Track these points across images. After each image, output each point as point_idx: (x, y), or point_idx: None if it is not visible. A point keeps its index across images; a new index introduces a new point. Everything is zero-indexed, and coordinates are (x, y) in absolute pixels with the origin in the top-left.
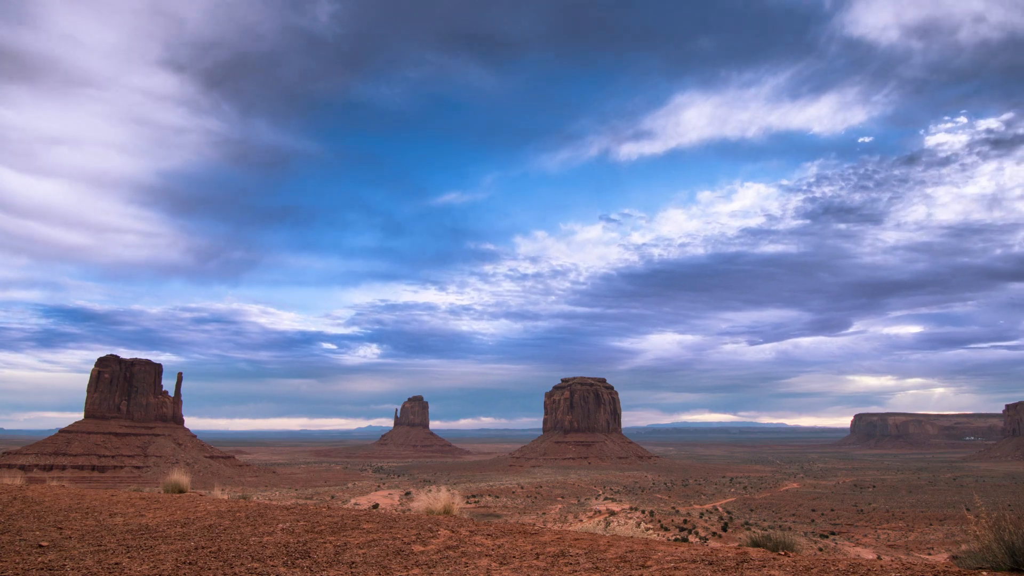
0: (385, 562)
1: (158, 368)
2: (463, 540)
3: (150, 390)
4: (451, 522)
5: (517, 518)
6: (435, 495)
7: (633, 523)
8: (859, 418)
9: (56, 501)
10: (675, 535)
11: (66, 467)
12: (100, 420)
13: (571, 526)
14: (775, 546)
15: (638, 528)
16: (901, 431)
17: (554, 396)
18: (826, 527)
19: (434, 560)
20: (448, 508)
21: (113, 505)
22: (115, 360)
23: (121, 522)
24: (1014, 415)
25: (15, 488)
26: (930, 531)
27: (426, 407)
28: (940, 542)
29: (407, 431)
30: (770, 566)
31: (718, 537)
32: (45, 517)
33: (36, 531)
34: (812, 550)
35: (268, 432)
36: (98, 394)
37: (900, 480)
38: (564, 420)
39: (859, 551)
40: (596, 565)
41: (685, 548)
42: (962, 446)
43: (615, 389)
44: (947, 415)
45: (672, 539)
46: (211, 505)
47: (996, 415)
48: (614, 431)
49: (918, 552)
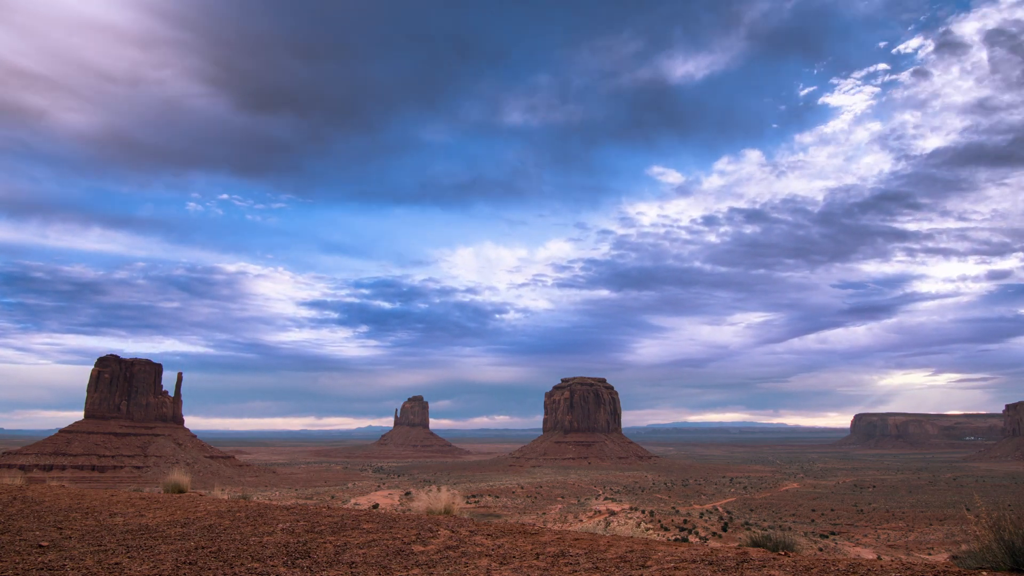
0: (385, 562)
1: (158, 368)
2: (463, 540)
3: (150, 390)
4: (451, 522)
5: (517, 518)
6: (435, 495)
7: (633, 523)
8: (859, 418)
9: (56, 501)
10: (675, 535)
11: (66, 467)
12: (100, 420)
13: (571, 526)
14: (775, 546)
15: (638, 528)
16: (901, 431)
17: (554, 396)
18: (826, 527)
19: (434, 560)
20: (448, 508)
21: (113, 505)
22: (115, 360)
23: (121, 522)
24: (1014, 415)
25: (15, 488)
26: (930, 531)
27: (426, 407)
28: (940, 542)
29: (407, 431)
30: (770, 566)
31: (718, 537)
32: (45, 517)
33: (36, 531)
34: (812, 550)
35: (268, 432)
36: (98, 394)
37: (900, 480)
38: (564, 420)
39: (859, 551)
40: (596, 565)
41: (685, 548)
42: (962, 446)
43: (615, 389)
44: (947, 415)
45: (672, 539)
46: (211, 505)
47: (996, 415)
48: (614, 431)
49: (918, 552)
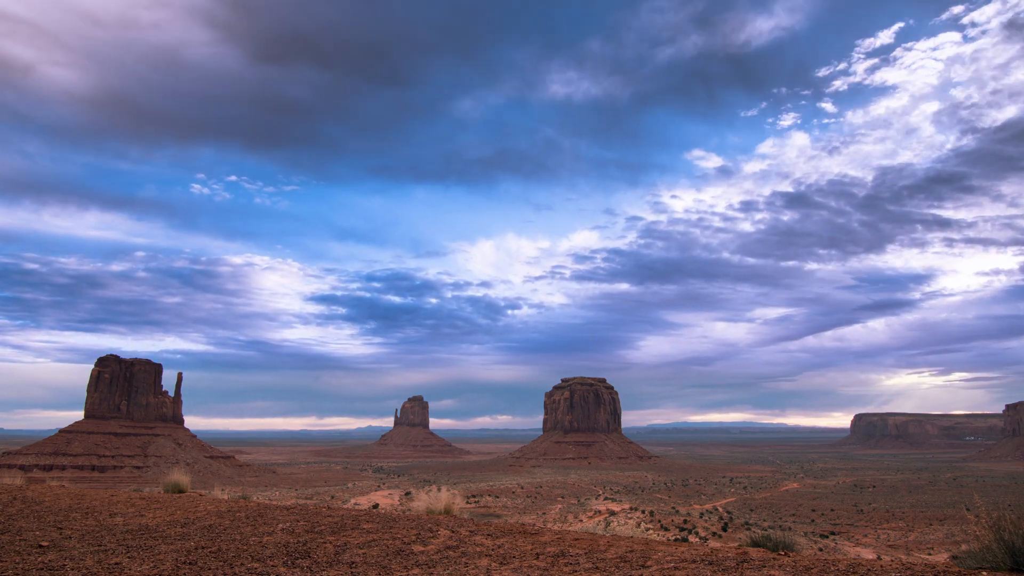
0: (385, 562)
1: (158, 368)
2: (463, 540)
3: (150, 390)
4: (451, 522)
5: (517, 518)
6: (435, 495)
7: (633, 523)
8: (859, 418)
9: (56, 501)
10: (675, 535)
11: (66, 467)
12: (100, 420)
13: (571, 526)
14: (775, 546)
15: (638, 528)
16: (901, 431)
17: (554, 396)
18: (826, 527)
19: (434, 560)
20: (448, 508)
21: (113, 505)
22: (115, 360)
23: (121, 522)
24: (1014, 415)
25: (15, 488)
26: (930, 531)
27: (426, 407)
28: (940, 542)
29: (407, 431)
30: (770, 566)
31: (718, 537)
32: (45, 517)
33: (36, 531)
34: (812, 550)
35: (268, 432)
36: (98, 394)
37: (900, 480)
38: (564, 420)
39: (859, 551)
40: (596, 565)
41: (685, 548)
42: (962, 446)
43: (615, 389)
44: (947, 415)
45: (672, 539)
46: (211, 505)
47: (996, 415)
48: (614, 431)
49: (918, 552)
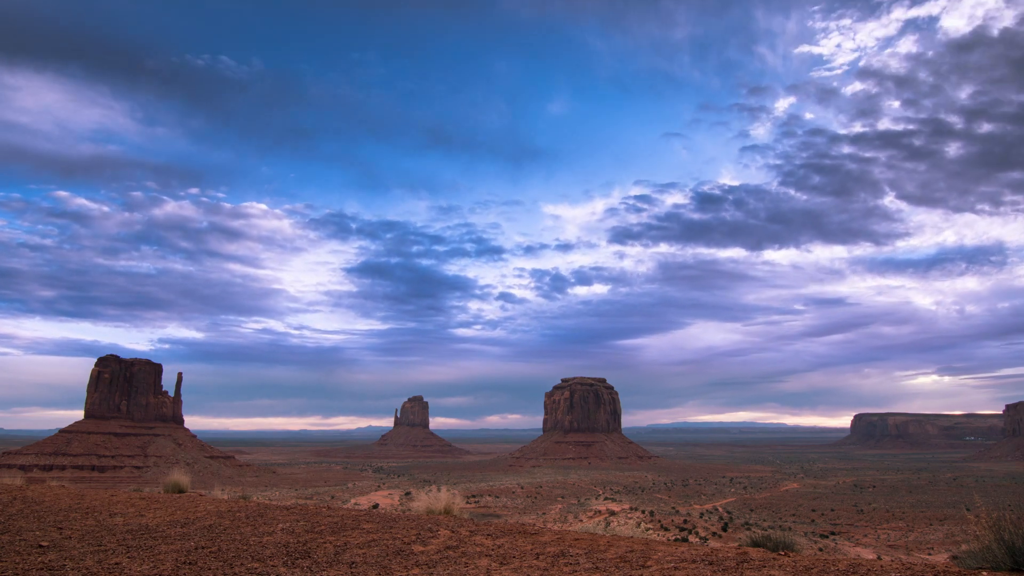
0: (385, 562)
1: (158, 368)
2: (463, 540)
3: (150, 390)
4: (451, 522)
5: (517, 518)
6: (435, 495)
7: (633, 523)
8: (859, 418)
9: (56, 501)
10: (675, 535)
11: (66, 467)
12: (100, 420)
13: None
14: (775, 546)
15: (638, 528)
16: (901, 431)
17: (554, 396)
18: (826, 527)
19: (434, 560)
20: (448, 508)
21: (113, 505)
22: (115, 360)
23: (121, 522)
24: (1014, 415)
25: (15, 488)
26: (930, 531)
27: (426, 407)
28: (940, 542)
29: (407, 431)
30: (770, 566)
31: (718, 537)
32: (45, 517)
33: (36, 531)
34: (812, 550)
35: (268, 432)
36: (98, 394)
37: (900, 480)
38: (564, 420)
39: (859, 551)
40: (596, 565)
41: (685, 548)
42: (962, 446)
43: (615, 389)
44: (947, 415)
45: (672, 539)
46: (211, 505)
47: (996, 415)
48: (614, 431)
49: (918, 552)
